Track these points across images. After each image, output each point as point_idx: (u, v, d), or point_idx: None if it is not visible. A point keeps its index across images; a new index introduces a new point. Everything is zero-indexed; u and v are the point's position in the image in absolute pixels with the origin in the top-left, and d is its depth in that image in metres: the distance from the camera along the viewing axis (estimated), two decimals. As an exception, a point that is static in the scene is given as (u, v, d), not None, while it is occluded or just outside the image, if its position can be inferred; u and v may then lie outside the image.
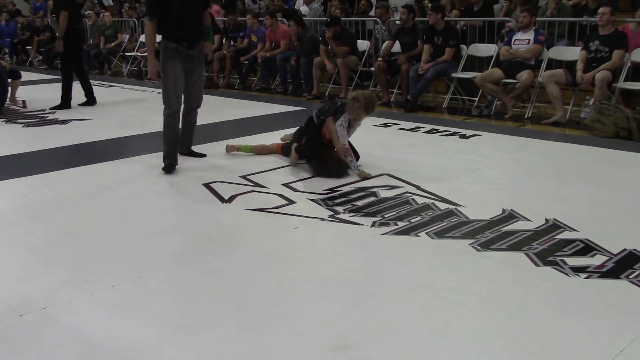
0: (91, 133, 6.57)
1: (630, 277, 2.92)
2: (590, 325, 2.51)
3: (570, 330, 2.48)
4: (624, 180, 4.56)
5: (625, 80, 6.77)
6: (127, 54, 12.71)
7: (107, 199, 4.31)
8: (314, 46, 9.01)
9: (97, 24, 13.08)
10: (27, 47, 14.92)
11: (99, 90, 10.08)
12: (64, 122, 7.26)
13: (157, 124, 5.12)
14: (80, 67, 8.28)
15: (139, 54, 12.31)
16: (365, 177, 4.63)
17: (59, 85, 8.27)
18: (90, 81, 8.50)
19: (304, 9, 11.23)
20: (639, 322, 2.52)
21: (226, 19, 10.84)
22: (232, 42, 10.67)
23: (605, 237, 3.39)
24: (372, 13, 10.18)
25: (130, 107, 8.34)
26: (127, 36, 13.12)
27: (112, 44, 12.66)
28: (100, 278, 3.01)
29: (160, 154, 4.93)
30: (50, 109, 7.99)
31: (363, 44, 9.15)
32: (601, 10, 6.68)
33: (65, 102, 8.09)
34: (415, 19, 8.35)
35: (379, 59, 8.59)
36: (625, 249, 3.23)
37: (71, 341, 2.47)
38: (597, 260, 3.11)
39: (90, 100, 8.33)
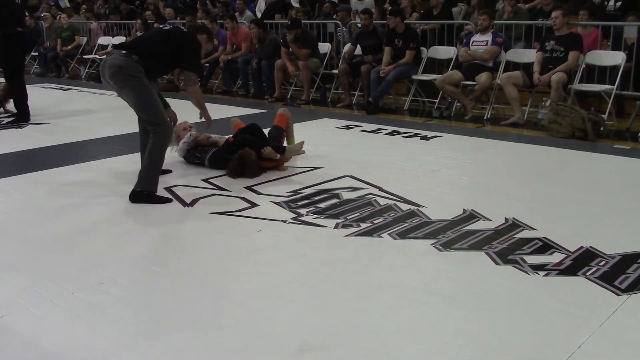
0: (48, 137, 6.44)
1: (587, 274, 2.99)
2: (550, 322, 2.55)
3: (530, 327, 2.52)
4: (580, 179, 4.67)
5: (580, 82, 6.94)
6: (85, 56, 12.50)
7: (65, 204, 4.23)
8: (275, 48, 9.01)
9: (53, 26, 12.83)
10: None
11: (56, 94, 9.91)
12: (20, 126, 7.11)
13: (116, 128, 5.06)
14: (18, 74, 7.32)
15: (97, 56, 12.13)
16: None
17: None
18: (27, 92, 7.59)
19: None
20: (596, 318, 2.57)
21: (185, 21, 10.73)
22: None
23: (562, 235, 3.46)
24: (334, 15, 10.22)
25: (89, 111, 8.19)
26: (85, 39, 12.91)
27: (69, 47, 12.44)
28: (59, 285, 2.94)
29: (120, 159, 4.85)
30: (7, 122, 7.37)
31: (324, 47, 9.18)
32: (554, 14, 6.83)
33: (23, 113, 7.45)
34: (374, 22, 8.42)
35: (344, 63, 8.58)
36: (582, 247, 3.30)
37: (29, 350, 2.41)
38: (555, 258, 3.18)
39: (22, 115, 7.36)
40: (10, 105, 7.72)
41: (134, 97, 4.15)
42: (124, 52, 4.13)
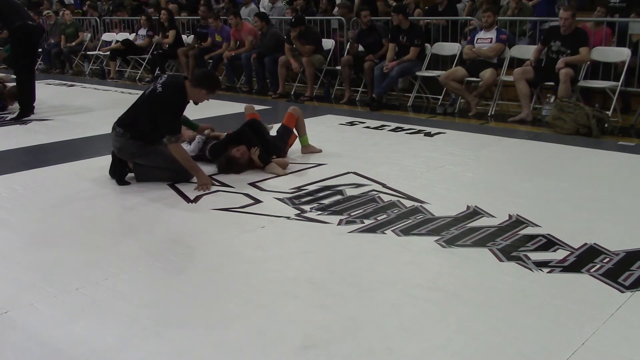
0: (53, 134, 6.45)
1: (591, 270, 2.98)
2: (553, 319, 2.55)
3: (533, 324, 2.52)
4: (585, 176, 4.65)
5: (585, 78, 6.90)
6: (88, 52, 12.50)
7: (69, 200, 4.24)
8: (277, 42, 8.98)
9: (57, 22, 12.83)
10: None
11: (60, 90, 9.92)
12: (24, 122, 7.12)
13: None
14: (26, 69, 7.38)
15: (100, 52, 12.13)
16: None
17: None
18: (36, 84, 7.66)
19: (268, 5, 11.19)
20: (600, 315, 2.57)
21: (190, 17, 10.63)
22: (199, 41, 10.47)
23: (566, 232, 3.45)
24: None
25: (93, 107, 8.19)
26: (89, 35, 12.91)
27: (73, 43, 12.44)
28: (64, 281, 2.95)
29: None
30: (11, 118, 7.32)
31: (328, 43, 9.16)
32: (564, 14, 6.65)
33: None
34: (378, 17, 8.38)
35: (348, 55, 8.55)
36: (586, 244, 3.29)
37: (33, 345, 2.42)
38: (559, 254, 3.17)
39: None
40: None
41: (145, 162, 4.52)
42: (120, 131, 4.45)
